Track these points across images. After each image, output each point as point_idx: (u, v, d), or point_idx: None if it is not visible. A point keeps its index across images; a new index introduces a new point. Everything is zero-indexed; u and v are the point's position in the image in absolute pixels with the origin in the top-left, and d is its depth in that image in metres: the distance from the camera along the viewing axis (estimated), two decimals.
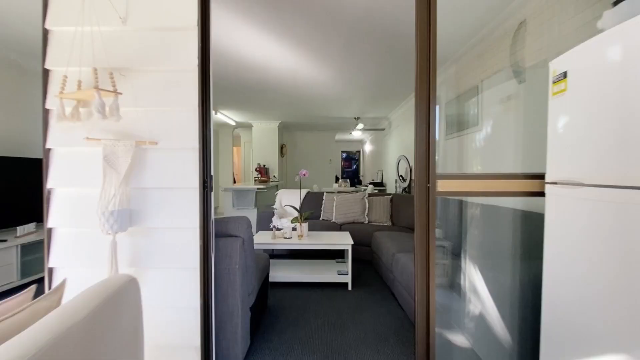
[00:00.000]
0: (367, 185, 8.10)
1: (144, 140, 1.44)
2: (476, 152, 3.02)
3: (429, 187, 1.46)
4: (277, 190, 7.41)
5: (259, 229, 4.02)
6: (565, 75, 1.28)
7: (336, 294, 2.81)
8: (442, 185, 1.45)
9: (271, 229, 3.14)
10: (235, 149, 11.25)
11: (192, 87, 1.45)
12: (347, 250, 2.96)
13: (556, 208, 1.31)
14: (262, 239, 3.05)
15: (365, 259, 3.66)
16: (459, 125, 3.56)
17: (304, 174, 3.14)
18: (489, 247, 2.05)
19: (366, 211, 4.06)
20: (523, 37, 2.49)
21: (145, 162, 1.46)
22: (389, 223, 3.98)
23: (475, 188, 1.44)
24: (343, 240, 3.00)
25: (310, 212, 3.27)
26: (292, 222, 3.25)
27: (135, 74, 1.46)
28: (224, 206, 5.48)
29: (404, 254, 2.54)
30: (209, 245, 1.50)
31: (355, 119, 7.22)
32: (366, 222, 4.01)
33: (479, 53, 3.18)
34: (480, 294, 1.86)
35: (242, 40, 3.07)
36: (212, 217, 1.54)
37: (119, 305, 0.94)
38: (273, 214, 4.05)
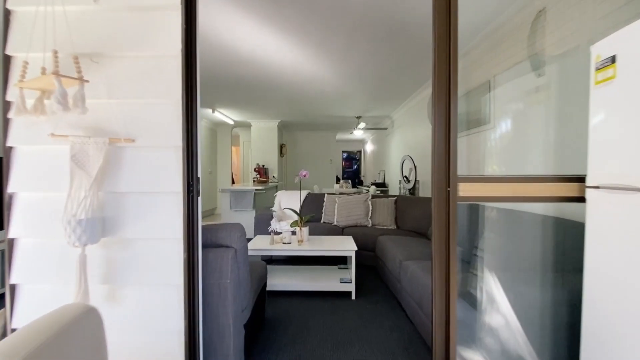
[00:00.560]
0: (368, 186, 7.90)
1: (119, 137, 1.24)
2: (490, 152, 2.82)
3: (449, 191, 1.26)
4: (277, 191, 7.22)
5: (256, 232, 3.83)
6: (613, 60, 1.08)
7: (339, 304, 2.61)
8: (464, 189, 1.25)
9: (269, 233, 2.94)
10: (234, 148, 11.06)
11: (175, 76, 1.25)
12: (351, 257, 2.76)
13: (600, 216, 1.12)
14: (260, 244, 2.85)
15: (369, 265, 3.46)
16: (468, 123, 3.37)
17: (304, 175, 2.95)
18: (510, 256, 1.85)
19: (369, 214, 3.87)
20: (543, 27, 2.30)
21: (120, 163, 1.26)
22: (393, 226, 3.79)
23: (502, 192, 1.24)
24: (346, 246, 2.81)
25: (311, 215, 3.07)
26: (291, 225, 3.06)
27: (109, 61, 1.26)
28: (222, 207, 5.28)
29: (412, 262, 2.35)
30: (196, 258, 1.30)
31: (356, 117, 7.02)
32: (369, 225, 3.81)
33: (490, 46, 2.98)
34: (501, 309, 1.66)
35: (239, 32, 2.87)
36: (199, 225, 1.34)
37: (70, 342, 0.75)
38: (272, 217, 3.85)
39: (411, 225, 3.62)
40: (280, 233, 3.35)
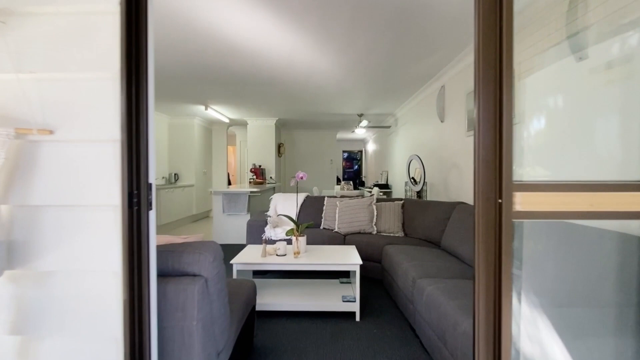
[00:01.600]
0: (371, 187, 7.53)
1: (31, 127, 0.87)
2: (517, 152, 2.44)
3: (500, 203, 0.89)
4: (274, 193, 6.84)
5: (249, 240, 3.45)
6: None
7: (341, 328, 2.24)
8: (524, 201, 0.88)
9: (264, 241, 2.57)
10: (230, 148, 10.70)
11: (111, 39, 0.88)
12: (355, 272, 2.39)
13: None
14: (249, 257, 2.48)
15: (375, 278, 3.09)
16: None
17: (301, 177, 2.58)
18: (569, 285, 1.47)
19: (374, 219, 3.49)
20: (585, 1, 1.93)
21: (33, 164, 0.89)
22: (401, 234, 3.42)
23: (582, 206, 0.87)
24: (349, 259, 2.44)
25: (309, 223, 2.70)
26: (287, 234, 2.69)
27: (19, 20, 0.89)
28: (214, 211, 4.91)
29: (428, 281, 1.97)
30: (145, 296, 0.93)
31: (358, 115, 6.65)
32: (374, 232, 3.44)
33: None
34: None
35: (229, 17, 2.50)
36: (152, 248, 0.97)
37: None
38: (266, 223, 3.48)
39: (421, 232, 3.25)
40: (275, 241, 2.98)
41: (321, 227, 3.75)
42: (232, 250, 4.40)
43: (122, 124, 0.86)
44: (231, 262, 2.37)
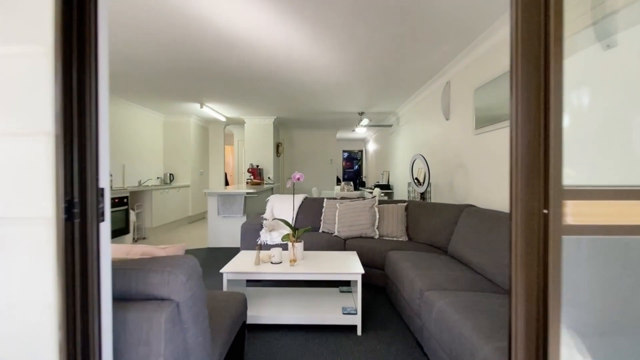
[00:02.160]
0: (372, 188, 7.33)
1: None
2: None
3: (546, 214, 0.69)
4: (272, 193, 6.64)
5: (243, 245, 3.25)
6: None
7: (341, 343, 2.04)
8: (577, 212, 0.68)
9: (258, 248, 2.37)
10: (228, 148, 10.50)
11: (43, 2, 0.68)
12: (356, 281, 2.19)
13: None
14: (241, 265, 2.28)
15: (378, 285, 2.89)
16: (496, 117, 2.80)
17: (298, 179, 2.38)
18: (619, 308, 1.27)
19: (376, 223, 3.29)
20: None
21: None
22: (404, 238, 3.22)
23: None
24: (350, 267, 2.24)
25: (306, 228, 2.50)
26: (282, 239, 2.49)
27: None
28: (209, 213, 4.71)
29: (438, 294, 1.77)
30: (94, 330, 0.73)
31: (359, 114, 6.45)
32: (376, 236, 3.24)
33: None
34: None
35: (218, 6, 2.30)
36: (102, 269, 0.77)
37: None
38: (261, 226, 3.28)
39: (427, 237, 3.05)
40: (271, 246, 2.78)
41: (320, 231, 3.55)
42: (227, 254, 4.21)
43: (56, 112, 0.66)
44: (221, 270, 2.17)
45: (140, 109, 5.98)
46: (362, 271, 2.16)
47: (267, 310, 2.23)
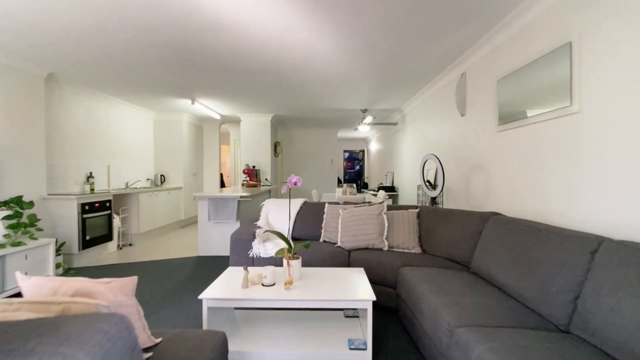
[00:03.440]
0: (375, 190, 6.93)
1: None
2: (584, 155, 1.84)
3: None
4: (270, 197, 6.24)
5: (233, 258, 2.85)
6: None
7: None
8: None
9: (245, 269, 1.96)
10: (226, 147, 10.10)
11: None
12: (367, 310, 1.79)
13: None
14: (226, 288, 1.87)
15: (388, 306, 2.49)
16: (523, 109, 2.40)
17: (295, 183, 1.98)
18: None
19: (385, 232, 2.89)
20: None
21: None
22: (417, 250, 2.82)
23: None
24: (358, 291, 1.84)
25: (305, 243, 2.10)
26: (277, 254, 2.09)
27: None
28: (199, 218, 4.31)
29: (475, 334, 1.37)
30: None
31: (362, 111, 6.06)
32: (385, 248, 2.84)
33: None
34: None
35: None
36: None
37: None
38: (253, 236, 2.88)
39: (444, 249, 2.65)
40: (265, 257, 2.40)
41: (321, 240, 3.16)
42: (218, 264, 3.77)
43: None
44: (200, 296, 1.77)
45: (129, 106, 5.58)
46: (374, 298, 1.76)
47: (257, 344, 1.83)
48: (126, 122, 5.57)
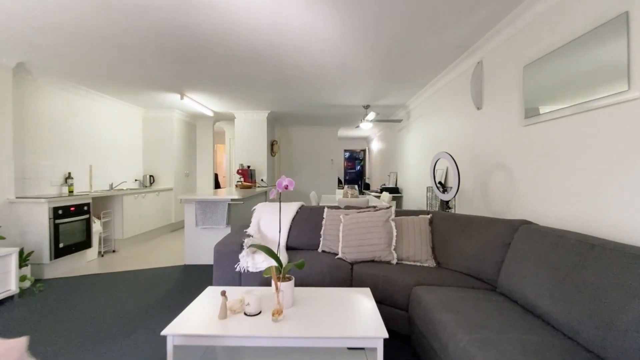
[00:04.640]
0: (378, 192, 6.55)
1: None
2: None
3: None
4: (266, 199, 5.85)
5: (217, 273, 2.45)
6: None
7: None
8: None
9: (223, 295, 1.58)
10: (222, 147, 9.72)
11: None
12: (377, 349, 1.40)
13: None
14: (198, 320, 1.49)
15: (397, 332, 2.10)
16: (557, 98, 2.02)
17: (286, 187, 1.59)
18: None
19: (393, 242, 2.51)
20: None
21: None
22: (431, 263, 2.43)
23: None
24: (365, 323, 1.46)
25: (299, 262, 1.72)
26: (265, 274, 1.71)
27: None
28: (186, 223, 3.92)
29: None
30: None
31: (364, 107, 5.67)
32: (394, 261, 2.45)
33: None
34: None
35: None
36: None
37: None
38: (241, 247, 2.49)
39: (463, 263, 2.26)
40: (255, 274, 2.05)
41: (319, 250, 2.77)
42: (207, 274, 3.32)
43: None
44: (163, 332, 1.38)
45: (114, 101, 5.19)
46: (385, 334, 1.37)
47: None
48: (111, 118, 5.19)
